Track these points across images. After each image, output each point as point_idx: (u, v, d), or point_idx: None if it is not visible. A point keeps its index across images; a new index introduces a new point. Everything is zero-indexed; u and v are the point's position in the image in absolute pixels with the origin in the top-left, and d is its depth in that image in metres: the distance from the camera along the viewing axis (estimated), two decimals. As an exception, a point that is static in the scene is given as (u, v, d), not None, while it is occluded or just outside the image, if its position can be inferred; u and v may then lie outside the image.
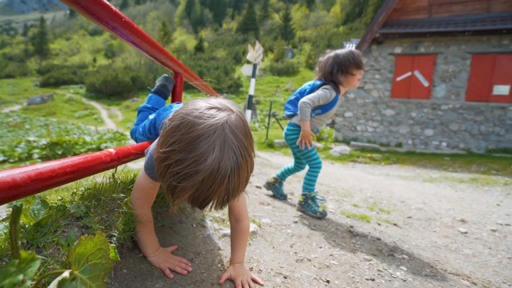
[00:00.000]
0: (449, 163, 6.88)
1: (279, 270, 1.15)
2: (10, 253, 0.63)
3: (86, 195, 0.94)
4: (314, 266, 1.24)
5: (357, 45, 9.82)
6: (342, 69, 1.89)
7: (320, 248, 1.44)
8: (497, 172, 5.85)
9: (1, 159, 5.79)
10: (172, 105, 1.22)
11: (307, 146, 1.95)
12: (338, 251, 1.44)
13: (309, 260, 1.28)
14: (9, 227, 0.48)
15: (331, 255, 1.37)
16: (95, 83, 32.08)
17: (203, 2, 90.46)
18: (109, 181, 1.08)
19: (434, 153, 8.33)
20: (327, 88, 1.90)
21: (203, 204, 0.69)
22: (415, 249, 1.63)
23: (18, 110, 25.23)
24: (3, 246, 0.64)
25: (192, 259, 1.09)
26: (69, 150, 6.49)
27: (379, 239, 1.70)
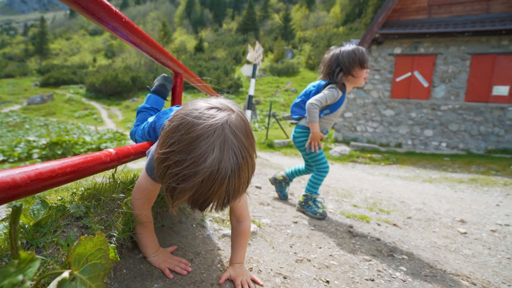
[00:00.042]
0: (449, 164, 6.88)
1: (279, 270, 1.15)
2: (10, 253, 0.63)
3: (86, 195, 0.94)
4: (314, 266, 1.24)
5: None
6: (344, 71, 1.84)
7: (320, 248, 1.44)
8: (496, 172, 5.86)
9: (0, 159, 5.79)
10: (172, 108, 1.22)
11: (316, 149, 1.90)
12: (337, 251, 1.44)
13: (309, 261, 1.28)
14: (8, 227, 0.48)
15: (330, 255, 1.37)
16: (95, 83, 32.08)
17: (203, 3, 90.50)
18: (109, 181, 1.08)
19: (434, 154, 8.33)
20: (333, 87, 1.85)
21: (203, 205, 0.67)
22: (415, 249, 1.63)
23: (18, 110, 25.22)
24: (3, 246, 0.64)
25: (192, 259, 1.09)
26: (69, 150, 6.49)
27: (378, 239, 1.70)
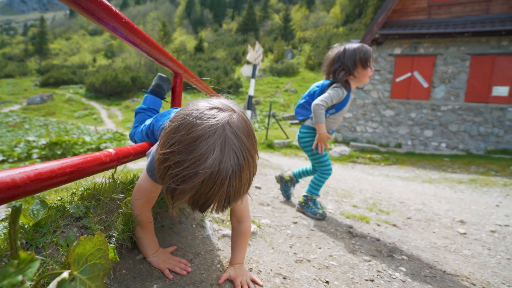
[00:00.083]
0: (448, 164, 6.88)
1: (279, 270, 1.15)
2: (9, 253, 0.62)
3: (85, 195, 0.94)
4: (314, 266, 1.24)
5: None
6: (346, 71, 1.82)
7: (320, 248, 1.44)
8: (496, 173, 5.86)
9: (0, 159, 5.78)
10: (170, 110, 1.22)
11: (322, 149, 1.88)
12: (337, 251, 1.44)
13: (309, 261, 1.28)
14: (8, 227, 0.48)
15: (330, 255, 1.37)
16: (94, 83, 32.06)
17: (203, 3, 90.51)
18: (109, 181, 1.08)
19: (434, 154, 8.34)
20: (337, 86, 1.83)
21: (203, 207, 0.66)
22: (414, 250, 1.63)
23: (18, 110, 25.20)
24: (2, 247, 0.64)
25: (192, 259, 1.09)
26: (68, 150, 6.48)
27: (378, 240, 1.70)
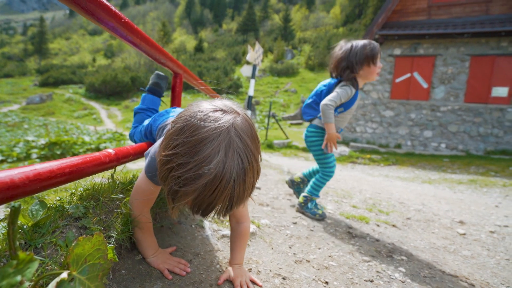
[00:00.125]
0: (448, 165, 6.89)
1: (278, 271, 1.15)
2: (8, 254, 0.62)
3: (84, 195, 0.94)
4: (313, 267, 1.24)
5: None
6: (354, 68, 1.79)
7: (319, 249, 1.44)
8: (495, 173, 5.87)
9: (-1, 158, 5.77)
10: (168, 110, 1.22)
11: (331, 149, 1.87)
12: (337, 252, 1.44)
13: (308, 261, 1.28)
14: (7, 227, 0.48)
15: (330, 256, 1.37)
16: (94, 83, 32.03)
17: (203, 3, 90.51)
18: (108, 181, 1.07)
19: (433, 155, 8.34)
20: (345, 85, 1.81)
21: (206, 211, 0.65)
22: (414, 250, 1.63)
23: (17, 109, 25.17)
24: (1, 247, 0.64)
25: (191, 260, 1.09)
26: (68, 150, 6.48)
27: (378, 240, 1.70)
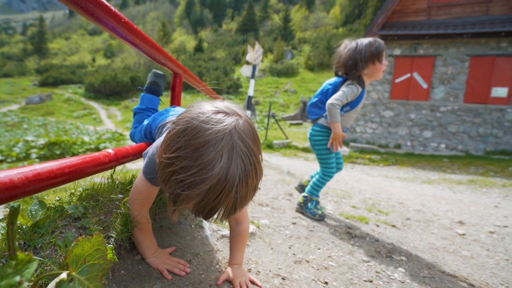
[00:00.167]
0: (448, 165, 6.89)
1: (278, 271, 1.15)
2: (7, 254, 0.62)
3: (84, 195, 0.94)
4: (313, 267, 1.23)
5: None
6: (359, 66, 1.77)
7: (319, 249, 1.44)
8: (495, 174, 5.87)
9: (-1, 158, 5.77)
10: (168, 109, 1.22)
11: (337, 148, 1.87)
12: (336, 252, 1.44)
13: (308, 262, 1.28)
14: (6, 228, 0.48)
15: (329, 256, 1.37)
16: (94, 83, 32.02)
17: (203, 3, 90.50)
18: (108, 181, 1.07)
19: (433, 155, 8.35)
20: (352, 83, 1.79)
21: (208, 214, 0.65)
22: (413, 250, 1.63)
23: (16, 109, 25.15)
24: (0, 247, 0.64)
25: (191, 260, 1.09)
26: (67, 150, 6.47)
27: (377, 240, 1.70)
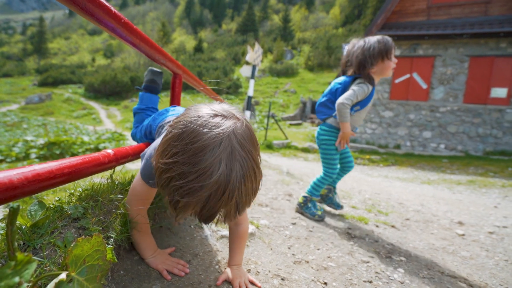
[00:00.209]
0: (447, 165, 6.90)
1: (277, 272, 1.15)
2: (7, 254, 0.62)
3: (83, 196, 0.94)
4: (312, 268, 1.24)
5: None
6: (368, 64, 1.75)
7: (318, 250, 1.44)
8: (494, 174, 5.88)
9: (-2, 158, 5.76)
10: (168, 109, 1.22)
11: (343, 146, 1.87)
12: (336, 253, 1.44)
13: (307, 262, 1.28)
14: (5, 228, 0.48)
15: (329, 257, 1.37)
16: (93, 83, 31.98)
17: (202, 3, 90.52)
18: (107, 182, 1.07)
19: (432, 155, 8.36)
20: (362, 82, 1.77)
21: (209, 219, 0.65)
22: (413, 251, 1.64)
23: (16, 109, 25.12)
24: (0, 248, 0.64)
25: (190, 260, 1.09)
26: (67, 150, 6.47)
27: (377, 241, 1.70)
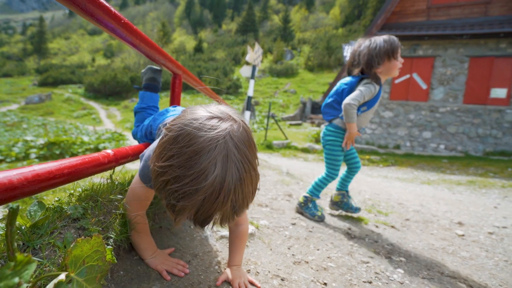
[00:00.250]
0: (447, 166, 6.90)
1: (277, 272, 1.15)
2: (6, 255, 0.62)
3: (83, 196, 0.94)
4: (312, 268, 1.23)
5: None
6: (375, 64, 1.75)
7: (318, 250, 1.44)
8: (494, 174, 5.88)
9: (-2, 158, 5.76)
10: (168, 109, 1.22)
11: (348, 147, 1.87)
12: (335, 253, 1.44)
13: (307, 263, 1.28)
14: (5, 228, 0.48)
15: (328, 257, 1.37)
16: (93, 83, 31.97)
17: (202, 3, 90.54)
18: (107, 182, 1.07)
19: (432, 156, 8.36)
20: (369, 82, 1.77)
21: (204, 223, 0.65)
22: (413, 251, 1.64)
23: (16, 109, 25.12)
24: (-1, 248, 0.64)
25: (190, 261, 1.09)
26: (66, 150, 6.47)
27: (376, 241, 1.70)
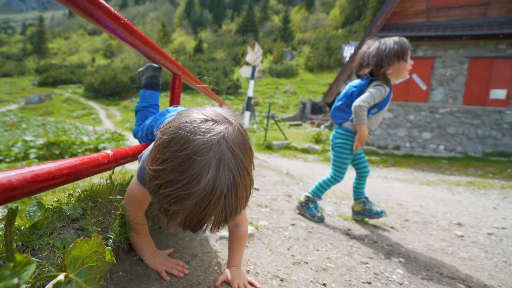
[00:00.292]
0: (447, 166, 6.91)
1: (276, 273, 1.15)
2: (5, 256, 0.62)
3: (82, 196, 0.94)
4: (311, 269, 1.23)
5: (356, 47, 9.89)
6: (385, 66, 1.73)
7: (317, 251, 1.44)
8: (493, 175, 5.89)
9: (-3, 158, 5.76)
10: (169, 109, 1.21)
11: (358, 149, 1.87)
12: (335, 254, 1.44)
13: (306, 263, 1.28)
14: (4, 229, 0.48)
15: (328, 258, 1.37)
16: (93, 83, 31.96)
17: (202, 3, 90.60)
18: (106, 182, 1.07)
19: (432, 156, 8.37)
20: (379, 84, 1.74)
21: (195, 228, 0.63)
22: (412, 252, 1.64)
23: (15, 109, 25.10)
24: (-2, 248, 0.64)
25: (189, 261, 1.09)
26: (66, 150, 6.46)
27: (376, 242, 1.71)
